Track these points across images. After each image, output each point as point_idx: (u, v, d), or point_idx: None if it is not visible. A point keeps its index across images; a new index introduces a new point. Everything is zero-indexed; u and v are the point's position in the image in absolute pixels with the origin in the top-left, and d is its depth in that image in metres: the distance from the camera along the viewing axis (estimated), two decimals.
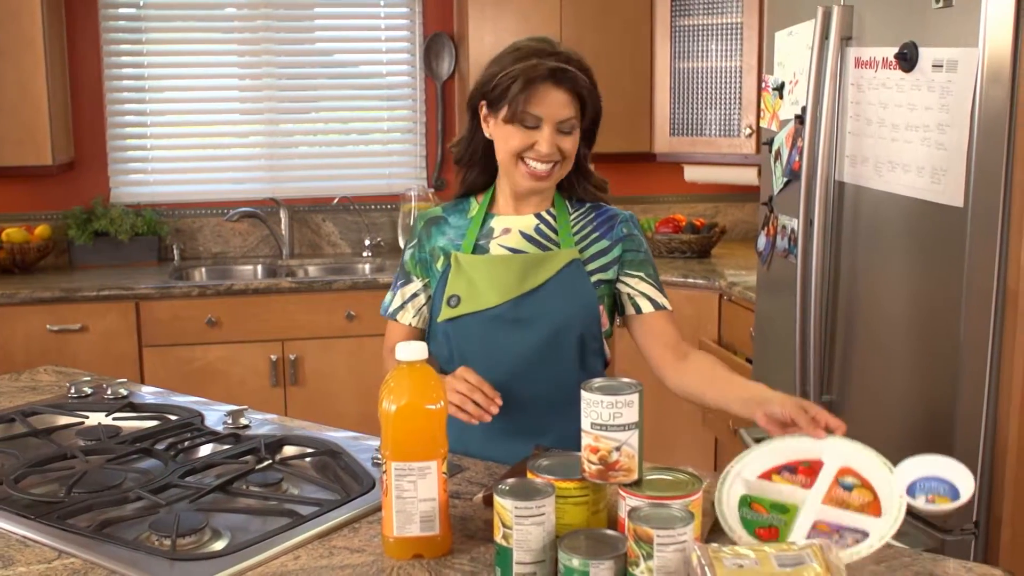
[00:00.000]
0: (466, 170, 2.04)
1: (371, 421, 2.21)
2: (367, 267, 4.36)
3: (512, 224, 1.99)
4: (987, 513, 2.22)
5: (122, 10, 4.25)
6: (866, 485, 1.56)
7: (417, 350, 1.49)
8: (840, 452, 1.61)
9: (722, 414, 3.64)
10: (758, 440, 3.03)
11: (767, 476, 1.61)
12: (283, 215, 4.35)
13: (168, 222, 4.33)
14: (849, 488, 1.56)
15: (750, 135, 4.01)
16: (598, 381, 1.46)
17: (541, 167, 1.89)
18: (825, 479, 1.58)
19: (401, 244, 4.39)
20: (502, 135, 1.91)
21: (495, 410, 1.78)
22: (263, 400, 3.72)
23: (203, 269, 4.27)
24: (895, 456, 1.55)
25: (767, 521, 1.53)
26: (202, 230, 4.39)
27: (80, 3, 4.19)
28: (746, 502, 1.57)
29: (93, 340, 3.73)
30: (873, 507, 1.52)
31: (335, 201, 4.40)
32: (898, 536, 2.29)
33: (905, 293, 2.32)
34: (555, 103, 1.86)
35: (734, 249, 4.37)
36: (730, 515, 1.54)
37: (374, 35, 4.51)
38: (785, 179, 2.78)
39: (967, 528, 2.22)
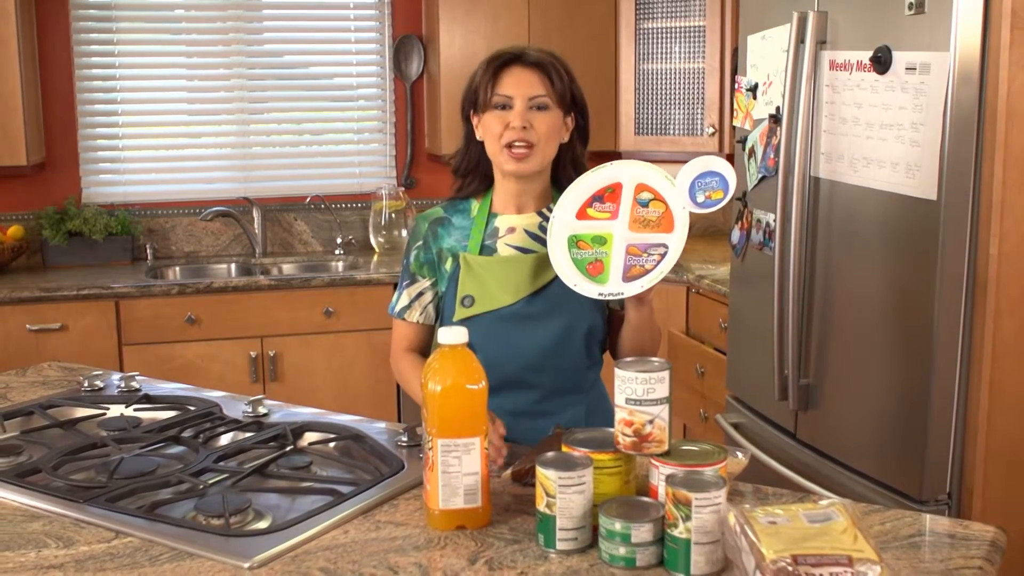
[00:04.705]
0: (464, 179, 2.14)
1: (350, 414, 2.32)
2: (340, 265, 4.43)
3: (517, 223, 2.08)
4: (959, 485, 2.38)
5: (92, 11, 4.27)
6: (659, 198, 1.87)
7: (459, 334, 1.59)
8: (631, 173, 1.91)
9: (692, 401, 3.80)
10: (734, 424, 3.18)
11: (583, 213, 1.91)
12: (256, 214, 4.40)
13: (141, 222, 4.35)
14: (646, 204, 1.88)
15: (713, 134, 4.17)
16: (631, 360, 1.58)
17: (519, 147, 1.99)
18: (627, 200, 1.89)
19: (373, 242, 4.47)
20: (484, 127, 2.03)
21: (500, 462, 1.79)
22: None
23: (177, 268, 4.30)
24: (869, 447, 1.68)
25: (592, 256, 1.87)
26: (175, 229, 4.42)
27: (50, 2, 4.20)
28: (573, 242, 1.88)
29: (73, 339, 3.75)
30: (667, 220, 1.85)
31: (307, 200, 4.46)
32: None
33: (880, 282, 2.47)
34: (522, 82, 2.01)
35: (695, 244, 4.52)
36: (563, 261, 1.87)
37: (344, 36, 4.58)
38: (760, 175, 2.92)
39: (941, 499, 2.38)
